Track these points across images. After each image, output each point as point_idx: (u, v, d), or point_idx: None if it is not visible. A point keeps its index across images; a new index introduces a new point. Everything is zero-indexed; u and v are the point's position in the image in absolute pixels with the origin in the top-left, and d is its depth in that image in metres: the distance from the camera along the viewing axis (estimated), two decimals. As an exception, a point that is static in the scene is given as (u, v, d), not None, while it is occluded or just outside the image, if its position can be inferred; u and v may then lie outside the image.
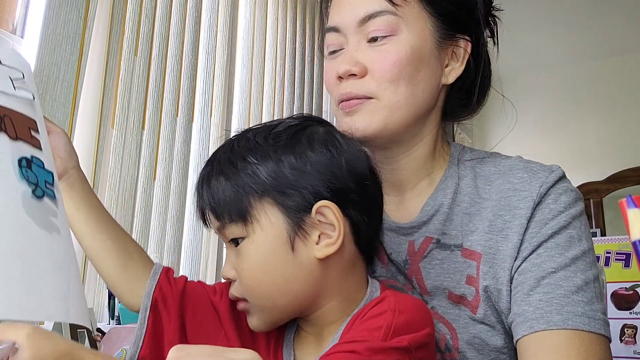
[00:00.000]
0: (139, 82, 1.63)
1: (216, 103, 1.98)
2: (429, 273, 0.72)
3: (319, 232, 0.58)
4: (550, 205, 0.69)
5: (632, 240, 0.37)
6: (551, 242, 0.67)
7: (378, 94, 0.70)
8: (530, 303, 0.64)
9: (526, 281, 0.65)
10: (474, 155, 0.78)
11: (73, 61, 1.38)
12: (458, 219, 0.72)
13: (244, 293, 0.60)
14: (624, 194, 0.67)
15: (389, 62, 0.69)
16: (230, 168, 0.60)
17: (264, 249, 0.58)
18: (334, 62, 0.74)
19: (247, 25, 2.22)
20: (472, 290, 0.69)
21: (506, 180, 0.72)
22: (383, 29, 0.70)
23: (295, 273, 0.58)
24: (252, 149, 0.60)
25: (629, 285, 2.28)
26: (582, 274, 0.65)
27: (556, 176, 0.71)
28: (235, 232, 0.60)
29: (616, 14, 3.52)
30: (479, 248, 0.70)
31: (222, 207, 0.60)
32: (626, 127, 3.93)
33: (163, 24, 1.74)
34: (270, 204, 0.58)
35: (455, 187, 0.74)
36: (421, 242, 0.73)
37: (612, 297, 2.29)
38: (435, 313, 0.71)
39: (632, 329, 2.23)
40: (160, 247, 1.66)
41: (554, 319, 0.61)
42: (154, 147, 1.67)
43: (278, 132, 0.62)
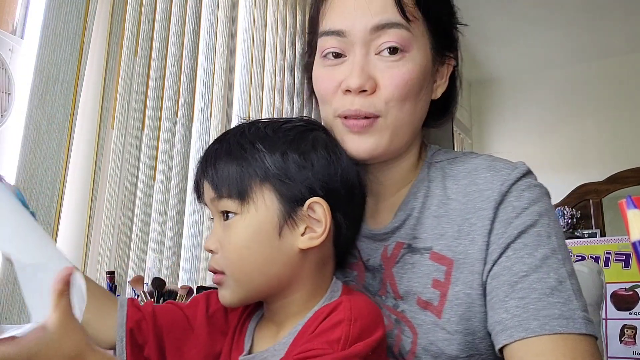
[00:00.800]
0: (139, 82, 1.63)
1: (216, 104, 1.98)
2: (402, 278, 0.72)
3: (305, 225, 0.63)
4: (513, 203, 0.67)
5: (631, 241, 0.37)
6: (519, 242, 0.65)
7: (385, 112, 0.68)
8: (508, 310, 0.63)
9: (500, 287, 0.64)
10: (446, 156, 0.77)
11: (73, 62, 1.38)
12: (428, 222, 0.72)
13: (224, 266, 0.63)
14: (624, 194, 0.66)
15: (402, 81, 0.68)
16: (239, 150, 0.64)
17: (253, 228, 0.62)
18: (334, 71, 0.71)
19: (247, 26, 2.22)
20: (438, 294, 0.69)
21: (472, 181, 0.71)
22: (397, 41, 0.67)
23: (276, 256, 0.63)
24: (262, 138, 0.64)
25: (628, 285, 2.28)
26: (555, 273, 0.63)
27: (519, 173, 0.69)
28: (229, 206, 0.63)
29: (615, 15, 3.52)
30: (449, 254, 0.69)
31: (224, 182, 0.63)
32: (626, 128, 3.93)
33: (163, 24, 1.74)
34: (269, 190, 0.63)
35: (425, 191, 0.74)
36: (393, 247, 0.73)
37: (612, 297, 2.29)
38: (404, 317, 0.70)
39: (631, 330, 2.23)
40: (160, 247, 1.66)
41: (532, 326, 0.60)
42: (153, 148, 1.67)
43: (287, 128, 0.66)
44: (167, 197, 1.70)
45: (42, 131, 1.30)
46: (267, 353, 0.64)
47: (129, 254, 1.57)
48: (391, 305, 0.72)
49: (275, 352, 0.63)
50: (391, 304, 0.72)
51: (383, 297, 0.73)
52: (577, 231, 3.50)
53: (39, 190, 1.28)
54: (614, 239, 2.41)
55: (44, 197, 1.29)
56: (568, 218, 3.61)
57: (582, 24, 3.65)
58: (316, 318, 0.61)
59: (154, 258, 1.63)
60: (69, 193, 1.42)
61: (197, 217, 1.82)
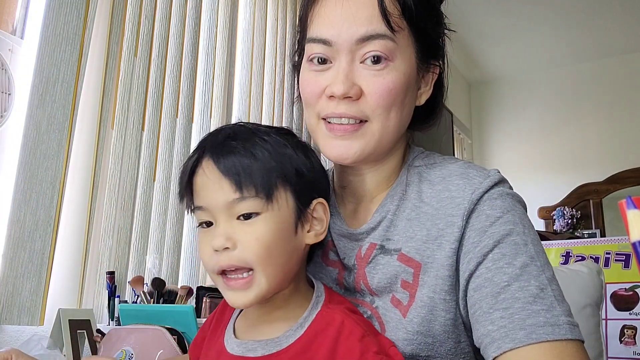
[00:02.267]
0: (139, 82, 1.63)
1: (216, 104, 1.98)
2: (373, 277, 0.73)
3: (309, 223, 0.68)
4: (487, 212, 0.68)
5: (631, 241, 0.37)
6: (496, 252, 0.66)
7: (371, 117, 0.70)
8: (493, 322, 0.63)
9: (483, 299, 0.65)
10: (427, 161, 0.78)
11: (73, 62, 1.38)
12: (401, 224, 0.73)
13: (251, 260, 0.63)
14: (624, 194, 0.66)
15: (386, 89, 0.69)
16: (262, 150, 0.65)
17: (278, 226, 0.65)
18: (320, 76, 0.72)
19: (247, 26, 2.22)
20: (407, 295, 0.70)
21: (445, 188, 0.72)
22: (382, 52, 0.69)
23: (293, 252, 0.67)
24: (276, 142, 0.67)
25: (628, 286, 2.28)
26: (536, 280, 0.63)
27: (491, 181, 0.70)
28: (253, 206, 0.64)
29: (615, 14, 3.52)
30: (417, 257, 0.70)
31: (250, 181, 0.63)
32: (626, 128, 3.93)
33: (163, 24, 1.74)
34: (289, 190, 0.66)
35: (402, 194, 0.75)
36: (367, 248, 0.75)
37: (612, 297, 2.29)
38: (376, 312, 0.72)
39: (631, 330, 2.23)
40: (159, 247, 1.66)
41: (519, 336, 0.60)
42: (153, 148, 1.67)
43: (288, 136, 0.70)
44: (167, 198, 1.70)
45: (42, 131, 1.30)
46: (257, 345, 0.66)
47: (129, 254, 1.57)
48: (368, 301, 0.74)
49: (266, 346, 0.65)
50: (368, 300, 0.74)
51: (360, 293, 0.75)
52: (577, 231, 3.50)
53: (39, 190, 1.28)
54: (614, 239, 2.41)
55: (44, 197, 1.29)
56: (568, 218, 3.61)
57: (583, 23, 3.65)
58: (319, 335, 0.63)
59: (153, 258, 1.63)
60: (69, 193, 1.42)
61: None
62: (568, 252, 2.49)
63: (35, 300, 1.26)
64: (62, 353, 1.17)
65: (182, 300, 1.50)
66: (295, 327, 0.65)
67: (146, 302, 1.44)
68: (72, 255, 1.44)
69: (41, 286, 1.27)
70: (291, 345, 0.64)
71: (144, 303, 1.44)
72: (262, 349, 0.65)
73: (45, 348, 1.04)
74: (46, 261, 1.28)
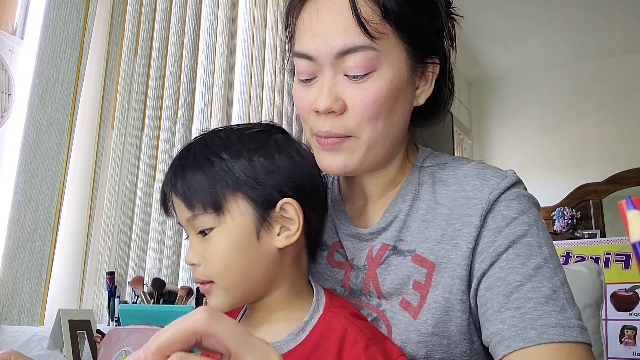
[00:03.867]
0: (139, 83, 1.63)
1: (216, 104, 1.98)
2: (385, 279, 0.72)
3: (280, 225, 0.66)
4: (502, 212, 0.68)
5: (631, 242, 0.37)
6: (511, 252, 0.66)
7: (357, 132, 0.68)
8: (504, 321, 0.63)
9: (494, 298, 0.65)
10: (437, 161, 0.77)
11: (73, 62, 1.38)
12: (415, 225, 0.72)
13: (211, 276, 0.65)
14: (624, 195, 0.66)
15: (370, 101, 0.67)
16: (207, 163, 0.65)
17: (234, 237, 0.64)
18: (308, 91, 0.71)
19: (247, 27, 2.22)
20: (418, 296, 0.69)
21: (460, 188, 0.71)
22: (363, 66, 0.66)
23: (259, 259, 0.65)
24: (227, 147, 0.66)
25: (628, 286, 2.28)
26: (549, 282, 0.64)
27: (508, 182, 0.70)
28: (206, 222, 0.65)
29: (615, 14, 3.52)
30: (431, 257, 0.70)
31: (197, 198, 0.64)
32: (626, 128, 3.93)
33: (163, 25, 1.74)
34: (242, 198, 0.65)
35: (414, 194, 0.74)
36: (378, 248, 0.73)
37: (612, 298, 2.29)
38: (383, 315, 0.71)
39: (632, 330, 2.23)
40: (159, 248, 1.66)
41: (529, 335, 0.61)
42: (153, 149, 1.67)
43: (249, 134, 0.69)
44: (167, 198, 1.70)
45: (42, 132, 1.30)
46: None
47: (129, 254, 1.57)
48: (374, 304, 0.73)
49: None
50: (374, 303, 0.73)
51: (367, 296, 0.74)
52: (577, 232, 3.50)
53: (39, 190, 1.28)
54: (614, 240, 2.42)
55: (43, 198, 1.29)
56: (568, 218, 3.61)
57: (583, 23, 3.65)
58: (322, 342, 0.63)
59: (153, 259, 1.63)
60: (69, 193, 1.42)
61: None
62: (568, 253, 2.49)
63: (35, 300, 1.26)
64: (62, 353, 1.17)
65: (182, 300, 1.50)
66: (296, 332, 0.65)
67: (146, 303, 1.44)
68: (72, 255, 1.44)
69: (41, 286, 1.27)
70: (292, 351, 0.63)
71: (144, 303, 1.44)
72: None
73: (45, 348, 1.04)
74: (46, 261, 1.28)
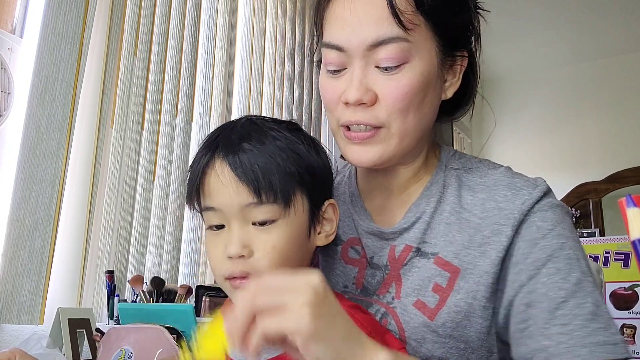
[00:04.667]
0: (138, 81, 1.63)
1: (215, 103, 1.98)
2: (407, 280, 0.72)
3: (320, 225, 0.67)
4: (537, 224, 0.67)
5: (631, 240, 0.37)
6: (550, 267, 0.65)
7: (388, 123, 0.68)
8: (550, 337, 0.62)
9: (539, 314, 0.64)
10: (462, 163, 0.77)
11: (72, 61, 1.37)
12: (439, 228, 0.72)
13: (263, 269, 0.61)
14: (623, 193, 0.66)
15: (401, 93, 0.67)
16: (277, 152, 0.63)
17: (294, 232, 0.63)
18: (337, 82, 0.70)
19: (247, 25, 2.22)
20: (437, 298, 0.69)
21: (490, 197, 0.71)
22: (395, 58, 0.66)
23: (304, 255, 0.66)
24: (290, 140, 0.64)
25: (627, 285, 2.28)
26: (591, 297, 0.63)
27: (540, 192, 0.69)
28: (269, 212, 0.62)
29: (616, 14, 3.52)
30: (456, 261, 0.69)
31: (271, 186, 0.61)
32: (626, 127, 3.93)
33: (162, 23, 1.74)
34: (304, 195, 0.64)
35: (439, 196, 0.73)
36: (401, 250, 0.73)
37: (611, 297, 2.29)
38: (394, 312, 0.71)
39: (631, 329, 2.23)
40: (159, 247, 1.66)
41: (581, 353, 0.60)
42: (153, 147, 1.67)
43: (294, 129, 0.68)
44: (166, 197, 1.70)
45: (41, 130, 1.30)
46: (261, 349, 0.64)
47: (129, 253, 1.57)
48: (385, 302, 0.73)
49: (269, 349, 0.62)
50: (386, 301, 0.73)
51: (381, 295, 0.73)
52: (576, 230, 3.50)
53: (39, 189, 1.28)
54: (614, 239, 2.42)
55: (43, 197, 1.29)
56: (567, 217, 3.60)
57: (583, 23, 3.65)
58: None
59: (153, 257, 1.63)
60: (69, 192, 1.42)
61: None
62: (567, 252, 2.49)
63: (35, 299, 1.26)
64: (61, 352, 1.17)
65: (181, 299, 1.50)
66: None
67: (145, 301, 1.44)
68: (71, 254, 1.44)
69: (41, 285, 1.27)
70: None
71: (144, 302, 1.44)
72: (265, 352, 0.62)
73: (44, 347, 1.04)
74: (46, 260, 1.28)
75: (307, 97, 2.53)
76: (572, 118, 4.15)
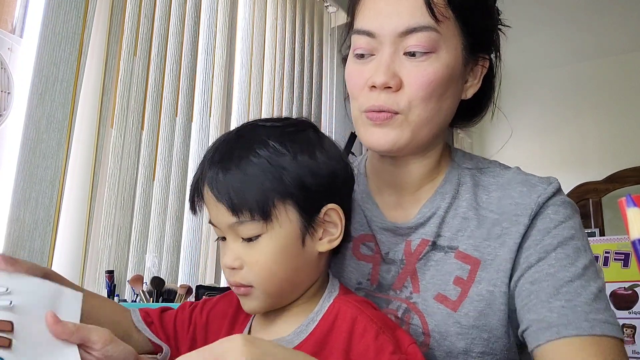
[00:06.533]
0: (138, 81, 1.63)
1: (215, 103, 1.98)
2: (425, 274, 0.73)
3: (322, 229, 0.65)
4: (551, 216, 0.71)
5: (631, 239, 0.37)
6: (560, 252, 0.68)
7: (406, 110, 0.70)
8: (552, 310, 0.65)
9: (542, 290, 0.67)
10: (474, 163, 0.79)
11: (72, 61, 1.37)
12: (454, 221, 0.74)
13: (253, 281, 0.63)
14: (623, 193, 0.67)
15: (426, 81, 0.69)
16: (253, 167, 0.62)
17: (281, 244, 0.63)
18: (363, 67, 0.72)
19: (247, 25, 2.22)
20: (458, 291, 0.70)
21: (506, 195, 0.74)
22: (424, 45, 0.69)
23: (303, 265, 0.65)
24: (271, 149, 0.63)
25: (627, 285, 2.28)
26: (595, 282, 0.67)
27: (554, 188, 0.73)
28: (252, 230, 0.62)
29: (616, 13, 3.52)
30: (476, 254, 0.71)
31: (245, 205, 0.61)
32: (626, 127, 3.93)
33: (162, 23, 1.74)
34: (290, 205, 0.63)
35: (454, 192, 0.75)
36: (417, 244, 0.74)
37: (611, 297, 2.29)
38: (415, 307, 0.72)
39: (631, 329, 2.23)
40: (159, 247, 1.66)
41: (583, 326, 0.63)
42: (153, 147, 1.67)
43: (289, 133, 0.65)
44: (166, 197, 1.70)
45: (41, 130, 1.30)
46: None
47: (128, 253, 1.57)
48: (404, 297, 0.74)
49: None
50: (404, 297, 0.74)
51: (397, 291, 0.74)
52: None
53: (39, 189, 1.28)
54: (613, 239, 2.42)
55: (43, 197, 1.29)
56: (567, 217, 3.60)
57: (583, 22, 3.65)
58: (331, 331, 0.62)
59: (153, 257, 1.63)
60: (69, 192, 1.42)
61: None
62: (567, 252, 2.49)
63: (35, 299, 1.26)
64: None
65: (181, 299, 1.50)
66: (306, 323, 0.65)
67: (145, 301, 1.44)
68: (71, 254, 1.44)
69: (40, 285, 1.27)
70: (303, 344, 0.63)
71: (144, 302, 1.44)
72: None
73: None
74: (46, 260, 1.28)
75: (307, 97, 2.53)
76: (572, 118, 4.15)
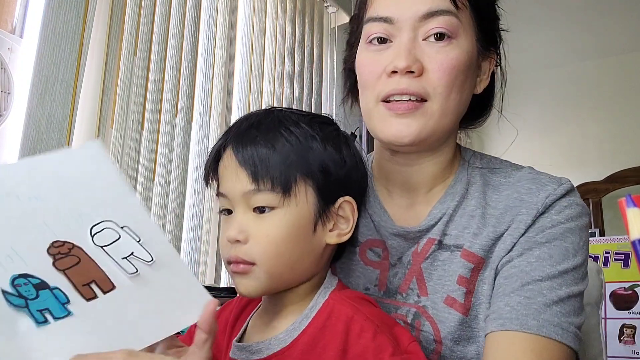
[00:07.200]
0: (138, 81, 1.63)
1: (215, 103, 1.98)
2: (431, 275, 0.71)
3: (333, 222, 0.64)
4: (552, 216, 0.69)
5: (631, 240, 0.37)
6: (544, 251, 0.66)
7: (432, 96, 0.68)
8: (509, 303, 0.64)
9: (509, 284, 0.65)
10: (485, 163, 0.78)
11: (72, 61, 1.37)
12: (461, 220, 0.72)
13: (256, 257, 0.61)
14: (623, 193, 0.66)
15: (449, 66, 0.67)
16: (282, 140, 0.62)
17: (293, 222, 0.61)
18: (380, 56, 0.69)
19: (247, 25, 2.22)
20: (463, 291, 0.69)
21: (515, 191, 0.72)
22: (446, 28, 0.67)
23: (308, 251, 0.63)
24: (300, 129, 0.63)
25: (627, 285, 2.28)
26: (568, 287, 0.65)
27: (564, 189, 0.70)
28: (268, 200, 0.61)
29: (616, 13, 3.52)
30: (481, 252, 0.69)
31: (268, 173, 0.61)
32: (626, 127, 3.93)
33: (162, 23, 1.74)
34: (310, 186, 0.62)
35: (463, 192, 0.74)
36: (424, 243, 0.73)
37: (611, 297, 2.29)
38: (425, 311, 0.70)
39: (631, 329, 2.23)
40: (159, 246, 1.66)
41: (529, 324, 0.62)
42: (153, 147, 1.67)
43: (317, 122, 0.66)
44: (166, 197, 1.70)
45: (41, 130, 1.30)
46: (262, 345, 0.63)
47: (129, 253, 1.57)
48: (413, 302, 0.72)
49: (270, 345, 0.62)
50: (413, 301, 0.72)
51: (404, 294, 0.73)
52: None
53: (38, 189, 1.28)
54: (613, 239, 2.42)
55: (43, 196, 1.29)
56: (567, 217, 3.60)
57: (583, 22, 3.65)
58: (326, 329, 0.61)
59: (153, 257, 1.63)
60: (69, 192, 1.41)
61: (197, 216, 1.82)
62: (567, 252, 2.49)
63: (35, 299, 1.26)
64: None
65: (181, 299, 1.49)
66: (300, 319, 0.63)
67: (146, 301, 1.44)
68: (71, 254, 1.43)
69: (40, 285, 1.27)
70: (296, 341, 0.61)
71: (144, 302, 1.44)
72: (267, 349, 0.62)
73: None
74: (45, 260, 1.28)
75: (307, 97, 2.53)
76: (572, 118, 4.15)
